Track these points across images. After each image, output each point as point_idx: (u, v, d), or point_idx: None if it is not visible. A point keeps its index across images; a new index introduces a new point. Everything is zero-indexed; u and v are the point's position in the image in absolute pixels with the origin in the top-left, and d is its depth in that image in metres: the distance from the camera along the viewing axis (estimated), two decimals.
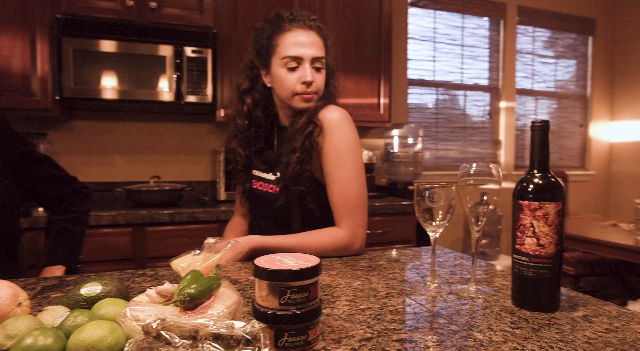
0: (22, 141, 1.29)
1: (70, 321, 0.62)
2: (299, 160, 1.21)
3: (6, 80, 2.19)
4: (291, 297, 0.64)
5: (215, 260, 0.80)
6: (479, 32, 3.74)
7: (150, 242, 2.19)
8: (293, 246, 1.18)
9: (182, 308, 0.63)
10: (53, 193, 1.39)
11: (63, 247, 1.36)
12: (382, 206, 2.61)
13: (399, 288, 0.94)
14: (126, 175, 2.70)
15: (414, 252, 1.32)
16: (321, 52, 1.26)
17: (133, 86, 2.32)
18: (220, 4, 2.52)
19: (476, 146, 3.80)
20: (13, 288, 0.70)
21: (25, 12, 2.19)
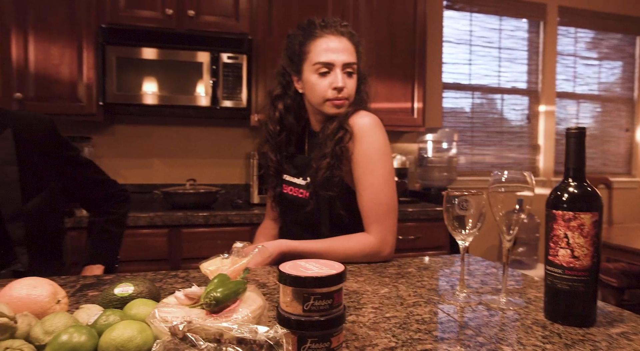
0: (67, 146, 1.36)
1: (102, 320, 0.64)
2: (329, 166, 1.21)
3: (55, 87, 2.31)
4: (315, 304, 0.64)
5: (242, 264, 0.81)
6: (517, 34, 3.64)
7: (185, 243, 2.25)
8: (321, 251, 1.19)
9: (208, 311, 0.65)
10: (95, 195, 1.45)
11: (102, 247, 1.42)
12: (415, 211, 2.57)
13: (426, 296, 0.93)
14: (164, 177, 2.79)
15: (444, 259, 1.30)
16: (352, 58, 1.26)
17: (171, 92, 2.39)
18: (255, 10, 2.57)
19: (513, 151, 3.69)
20: (53, 286, 0.73)
21: (73, 22, 2.31)
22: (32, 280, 0.73)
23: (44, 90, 2.30)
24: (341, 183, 1.24)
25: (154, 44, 2.36)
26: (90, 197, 1.46)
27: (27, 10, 2.25)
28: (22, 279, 0.73)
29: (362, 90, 1.33)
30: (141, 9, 2.39)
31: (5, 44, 2.23)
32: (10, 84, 2.25)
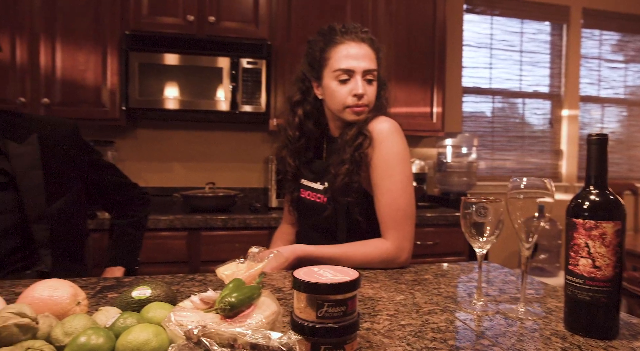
0: (90, 150, 1.39)
1: (120, 322, 0.66)
2: (347, 172, 1.21)
3: (81, 92, 2.37)
4: (328, 311, 0.64)
5: (257, 269, 0.82)
6: (539, 37, 3.58)
7: (204, 246, 2.28)
8: (338, 256, 1.18)
9: (222, 316, 0.65)
10: (116, 198, 1.49)
11: (123, 250, 1.45)
12: (433, 217, 2.55)
13: (443, 304, 0.92)
14: (184, 181, 2.83)
15: (462, 266, 1.28)
16: (373, 65, 1.26)
17: (192, 96, 2.43)
18: (274, 16, 2.59)
19: (535, 156, 3.62)
20: (73, 287, 0.75)
21: (98, 30, 2.37)
22: (54, 281, 0.75)
23: (69, 95, 2.36)
24: (359, 189, 1.24)
25: (175, 49, 2.40)
26: (112, 200, 1.49)
27: (55, 19, 2.32)
28: (44, 281, 0.75)
29: (382, 96, 1.33)
30: (163, 15, 2.44)
31: (34, 52, 2.30)
32: (39, 90, 2.32)
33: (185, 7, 2.45)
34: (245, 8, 2.54)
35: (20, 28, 2.29)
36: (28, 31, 2.30)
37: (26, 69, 2.31)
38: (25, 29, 2.29)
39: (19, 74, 2.29)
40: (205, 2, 2.48)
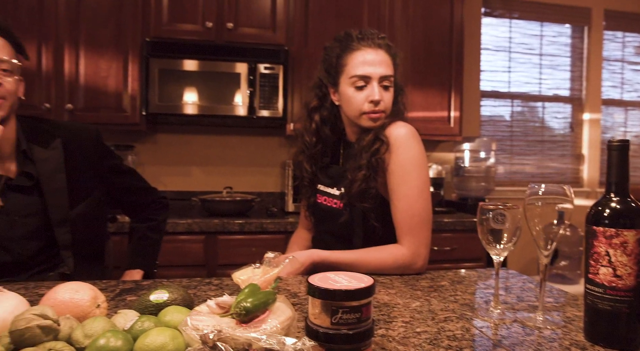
0: (111, 155, 1.43)
1: (138, 326, 0.67)
2: (364, 178, 1.21)
3: (103, 98, 2.43)
4: (343, 317, 0.64)
5: (273, 274, 0.82)
6: (559, 40, 3.52)
7: (221, 250, 2.30)
8: (353, 262, 1.18)
9: (238, 320, 0.66)
10: (136, 202, 1.51)
11: (142, 253, 1.48)
12: (451, 222, 2.52)
13: (459, 312, 0.91)
14: (202, 185, 2.86)
15: (479, 273, 1.26)
16: (389, 71, 1.26)
17: (210, 102, 2.46)
18: (292, 22, 2.61)
19: (555, 161, 3.56)
20: (93, 290, 0.77)
21: (120, 37, 2.43)
22: (75, 284, 0.77)
23: (92, 101, 2.42)
24: (376, 194, 1.23)
25: (194, 55, 2.44)
26: (132, 204, 1.52)
27: (79, 28, 2.39)
28: (66, 283, 0.77)
29: (399, 102, 1.33)
30: (183, 22, 2.48)
31: (59, 59, 2.37)
32: (63, 96, 2.38)
33: (204, 14, 2.49)
34: (263, 14, 2.57)
35: (46, 37, 2.36)
36: (53, 40, 2.36)
37: (51, 76, 2.37)
38: (51, 38, 2.36)
39: (44, 81, 2.36)
40: (224, 9, 2.51)
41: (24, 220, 1.22)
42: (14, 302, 0.70)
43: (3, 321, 0.66)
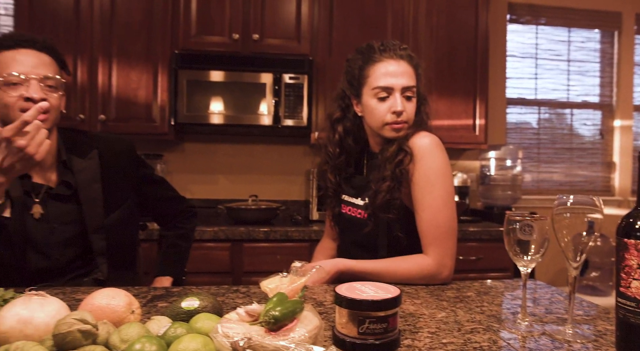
0: (144, 165, 1.48)
1: (171, 332, 0.70)
2: (388, 189, 1.22)
3: (133, 108, 2.51)
4: (369, 327, 0.65)
5: (300, 283, 0.84)
6: (588, 45, 3.45)
7: (246, 257, 2.34)
8: (378, 272, 1.19)
9: (267, 328, 0.68)
10: (166, 211, 1.56)
11: (171, 260, 1.52)
12: (476, 231, 2.49)
13: (485, 323, 0.91)
14: (227, 193, 2.91)
15: (506, 284, 1.25)
16: (412, 81, 1.27)
17: (236, 111, 2.52)
18: (316, 32, 2.65)
19: (585, 169, 3.47)
20: (128, 297, 0.80)
21: (150, 50, 2.51)
22: (111, 290, 0.80)
23: (123, 112, 2.50)
24: (400, 205, 1.24)
25: (221, 67, 2.50)
26: (162, 213, 1.57)
27: (112, 42, 2.48)
28: (102, 290, 0.80)
29: (422, 111, 1.33)
30: (210, 34, 2.55)
31: (93, 73, 2.47)
32: (96, 107, 2.47)
33: (231, 25, 2.56)
34: (288, 25, 2.61)
35: (81, 51, 2.46)
36: (88, 54, 2.46)
37: (86, 88, 2.47)
38: (86, 52, 2.46)
39: (79, 93, 2.46)
40: (250, 21, 2.57)
41: (62, 227, 1.28)
42: (56, 307, 0.73)
43: (46, 325, 0.70)
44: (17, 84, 1.15)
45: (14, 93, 1.15)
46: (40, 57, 1.20)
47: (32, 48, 1.19)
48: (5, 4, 2.78)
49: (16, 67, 1.15)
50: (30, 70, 1.16)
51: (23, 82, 1.15)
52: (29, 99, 1.14)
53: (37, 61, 1.18)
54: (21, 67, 1.15)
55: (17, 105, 1.15)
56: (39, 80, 1.17)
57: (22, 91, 1.15)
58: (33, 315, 0.69)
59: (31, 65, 1.17)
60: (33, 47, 1.19)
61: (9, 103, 1.15)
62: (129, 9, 2.49)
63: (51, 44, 1.24)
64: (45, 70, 1.19)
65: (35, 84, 1.16)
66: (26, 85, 1.15)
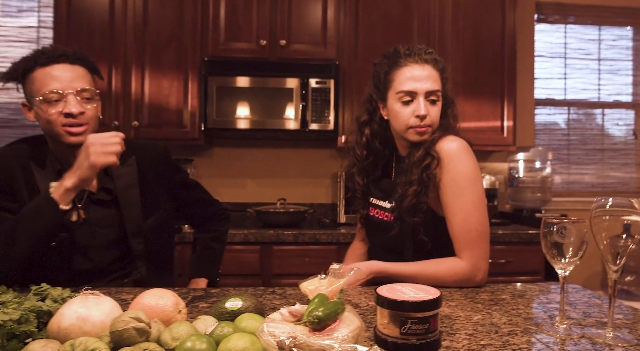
0: (179, 170, 1.53)
1: (218, 331, 0.73)
2: (415, 193, 1.22)
3: (165, 115, 2.58)
4: (412, 327, 0.67)
5: (339, 285, 0.86)
6: (619, 43, 3.37)
7: (275, 260, 2.37)
8: (412, 274, 1.20)
9: (311, 328, 0.70)
10: (200, 214, 1.61)
11: (206, 262, 1.56)
12: (506, 234, 2.47)
13: (523, 326, 0.91)
14: (255, 196, 2.96)
15: (540, 287, 1.25)
16: (436, 85, 1.27)
17: (264, 116, 2.56)
18: (342, 37, 2.68)
19: (617, 170, 3.39)
20: (175, 297, 0.84)
21: (180, 58, 2.58)
22: (159, 291, 0.84)
23: (155, 118, 2.58)
24: (427, 209, 1.25)
25: (249, 73, 2.55)
26: (197, 216, 1.61)
27: (144, 51, 2.56)
28: (151, 290, 0.84)
29: (449, 115, 1.33)
30: (238, 41, 2.61)
31: (127, 80, 2.55)
32: (130, 114, 2.56)
33: (258, 32, 2.61)
34: (314, 30, 2.65)
35: (115, 61, 2.55)
36: (122, 62, 2.55)
37: (120, 95, 2.56)
38: (120, 61, 2.55)
39: (114, 101, 2.55)
40: (277, 27, 2.62)
41: (103, 231, 1.33)
42: (110, 305, 0.77)
43: (102, 322, 0.74)
44: (56, 101, 1.21)
45: (54, 109, 1.20)
46: (74, 70, 1.24)
47: (66, 62, 1.24)
48: (45, 17, 2.90)
49: (53, 83, 1.20)
50: (66, 85, 1.21)
51: (61, 97, 1.21)
52: (68, 114, 1.20)
53: (71, 75, 1.23)
54: (57, 83, 1.20)
55: (58, 121, 1.21)
56: (75, 94, 1.22)
57: (61, 107, 1.21)
58: (90, 313, 0.74)
59: (67, 79, 1.22)
60: (66, 61, 1.24)
61: (51, 119, 1.21)
62: (160, 19, 2.57)
63: (82, 54, 1.28)
64: (80, 83, 1.24)
65: (72, 98, 1.21)
66: (64, 100, 1.21)
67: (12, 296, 0.70)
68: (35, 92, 1.21)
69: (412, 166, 1.26)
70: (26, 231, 1.14)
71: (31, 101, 1.24)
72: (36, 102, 1.22)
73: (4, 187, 1.22)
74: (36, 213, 1.14)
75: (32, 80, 1.22)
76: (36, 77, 1.21)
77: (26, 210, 1.15)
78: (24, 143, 1.33)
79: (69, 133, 1.22)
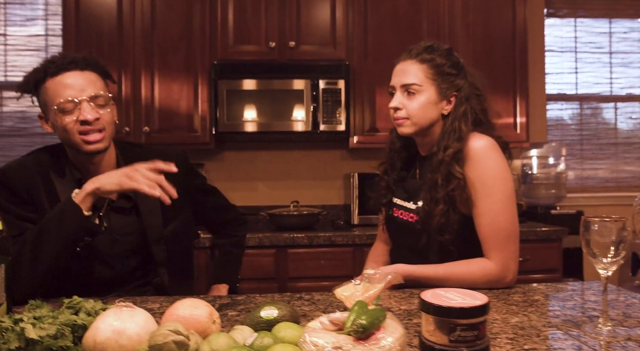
0: (197, 175, 1.51)
1: (258, 341, 0.71)
2: (442, 213, 1.19)
3: (175, 119, 2.57)
4: (461, 334, 0.65)
5: (376, 290, 0.84)
6: (631, 36, 3.34)
7: (291, 263, 2.35)
8: (440, 277, 1.18)
9: (355, 337, 0.68)
10: (218, 219, 1.59)
11: (227, 268, 1.54)
12: (522, 232, 2.36)
13: (563, 328, 0.88)
14: (267, 199, 2.93)
15: (571, 286, 1.22)
16: (412, 79, 1.26)
17: (275, 119, 2.54)
18: (351, 37, 2.65)
19: (631, 164, 3.35)
20: (209, 307, 0.82)
21: (190, 62, 2.57)
22: (192, 301, 0.82)
23: (166, 123, 2.56)
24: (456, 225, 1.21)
25: (259, 75, 2.53)
26: (215, 221, 1.60)
27: (153, 56, 2.55)
28: (184, 300, 0.82)
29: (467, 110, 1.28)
30: (247, 44, 2.59)
31: (136, 85, 2.54)
32: (140, 119, 2.54)
33: (267, 34, 2.59)
34: (323, 31, 2.63)
35: (125, 66, 2.53)
36: (131, 67, 2.54)
37: (130, 101, 2.54)
38: (129, 66, 2.53)
39: (124, 106, 2.53)
40: (286, 28, 2.60)
41: (124, 238, 1.31)
42: (144, 317, 0.75)
43: (137, 335, 0.72)
44: (70, 110, 1.18)
45: (70, 118, 1.18)
46: (85, 76, 1.22)
47: (76, 69, 1.21)
48: (53, 25, 2.89)
49: (65, 92, 1.18)
50: (79, 92, 1.19)
51: (75, 105, 1.18)
52: (84, 122, 1.18)
53: (83, 82, 1.21)
54: (71, 91, 1.18)
55: (75, 129, 1.19)
56: (88, 101, 1.20)
57: (76, 115, 1.19)
58: (125, 326, 0.72)
59: (79, 87, 1.19)
60: (76, 68, 1.21)
61: (67, 128, 1.19)
62: (168, 23, 2.56)
63: (92, 59, 1.26)
64: (93, 89, 1.21)
65: (86, 105, 1.19)
66: (78, 108, 1.19)
67: (47, 310, 0.68)
68: (50, 103, 1.19)
69: (439, 164, 1.22)
70: (51, 236, 1.12)
71: (46, 112, 1.22)
72: (51, 113, 1.20)
73: (25, 197, 1.20)
74: (60, 218, 1.13)
75: (45, 91, 1.20)
76: (48, 87, 1.19)
77: (50, 216, 1.14)
78: (42, 152, 1.31)
79: (86, 142, 1.21)
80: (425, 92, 1.26)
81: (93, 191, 1.14)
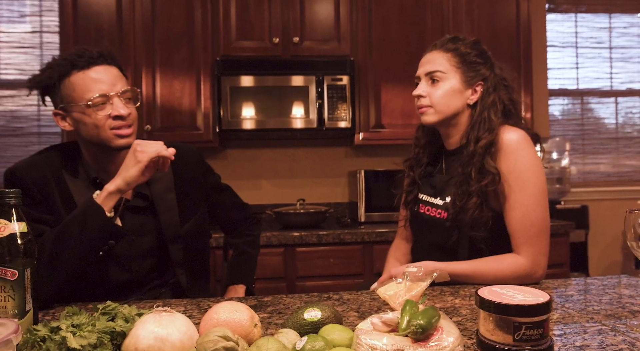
0: (212, 173, 1.47)
1: (309, 346, 0.67)
2: (476, 206, 1.17)
3: (178, 117, 2.51)
4: (526, 333, 0.62)
5: (421, 289, 0.81)
6: (631, 31, 3.36)
7: (299, 262, 2.31)
8: (470, 273, 1.15)
9: (413, 339, 0.65)
10: (233, 218, 1.55)
11: (243, 268, 1.50)
12: None
13: (609, 324, 0.86)
14: (272, 197, 2.89)
15: (601, 280, 1.21)
16: (436, 66, 1.26)
17: (279, 115, 2.50)
18: (355, 32, 2.62)
19: (633, 158, 3.37)
20: (249, 310, 0.78)
21: (192, 58, 2.51)
22: (231, 304, 0.78)
23: (168, 121, 2.51)
24: (489, 220, 1.19)
25: (262, 71, 2.49)
26: (230, 220, 1.56)
27: (154, 52, 2.49)
28: (222, 303, 0.78)
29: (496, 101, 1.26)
30: (250, 39, 2.54)
31: (137, 83, 2.47)
32: (141, 117, 2.48)
33: (270, 30, 2.54)
34: (327, 26, 2.59)
35: (125, 63, 2.46)
36: (132, 66, 2.47)
37: None
38: (130, 64, 2.47)
39: None
40: (290, 24, 2.55)
41: (140, 239, 1.27)
42: (184, 322, 0.72)
43: (180, 341, 0.68)
44: (102, 104, 1.14)
45: (102, 113, 1.14)
46: (111, 71, 1.18)
47: (104, 63, 1.17)
48: (49, 21, 2.82)
49: (97, 86, 1.13)
50: (110, 87, 1.15)
51: (106, 100, 1.14)
52: (117, 117, 1.14)
53: (111, 77, 1.17)
54: (103, 86, 1.14)
55: (107, 125, 1.14)
56: (119, 96, 1.16)
57: (108, 110, 1.14)
58: (168, 332, 0.68)
59: (109, 82, 1.15)
60: (104, 62, 1.17)
61: (99, 124, 1.14)
62: (169, 18, 2.50)
63: (110, 53, 1.21)
64: (121, 84, 1.18)
65: (117, 100, 1.15)
66: (110, 102, 1.14)
67: (85, 317, 0.64)
68: (78, 98, 1.13)
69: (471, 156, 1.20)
70: (73, 239, 1.07)
71: (69, 108, 1.16)
72: (78, 108, 1.15)
73: (39, 197, 1.15)
74: (83, 220, 1.07)
75: (70, 85, 1.14)
76: (75, 82, 1.14)
77: (71, 218, 1.09)
78: (54, 150, 1.25)
79: (119, 136, 1.16)
80: (450, 80, 1.25)
81: (118, 188, 1.10)
